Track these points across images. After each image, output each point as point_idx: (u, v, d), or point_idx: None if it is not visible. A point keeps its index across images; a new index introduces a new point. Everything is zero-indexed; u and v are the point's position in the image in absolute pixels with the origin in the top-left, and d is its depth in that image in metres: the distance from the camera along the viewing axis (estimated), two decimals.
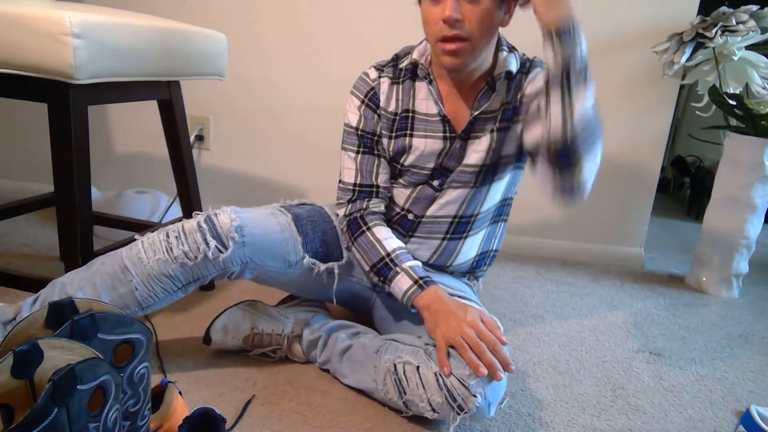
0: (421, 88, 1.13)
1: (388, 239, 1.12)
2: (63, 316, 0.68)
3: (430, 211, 1.16)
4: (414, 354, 1.00)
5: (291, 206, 1.20)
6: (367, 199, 1.17)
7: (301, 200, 1.26)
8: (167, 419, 0.83)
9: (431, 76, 1.12)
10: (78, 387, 0.56)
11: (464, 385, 0.92)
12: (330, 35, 1.96)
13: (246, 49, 1.99)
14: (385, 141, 1.16)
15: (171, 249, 1.00)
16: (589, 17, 1.88)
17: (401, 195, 1.18)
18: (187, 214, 1.51)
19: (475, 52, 1.02)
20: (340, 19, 1.94)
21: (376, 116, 1.15)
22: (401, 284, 1.07)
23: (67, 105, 1.05)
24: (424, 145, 1.13)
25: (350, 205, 1.17)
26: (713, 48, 1.72)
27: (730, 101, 1.73)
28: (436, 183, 1.15)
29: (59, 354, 0.60)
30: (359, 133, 1.16)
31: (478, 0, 0.98)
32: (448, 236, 1.19)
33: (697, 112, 2.01)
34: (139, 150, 2.14)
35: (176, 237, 1.01)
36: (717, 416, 1.14)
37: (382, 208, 1.18)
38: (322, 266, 1.16)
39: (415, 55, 1.13)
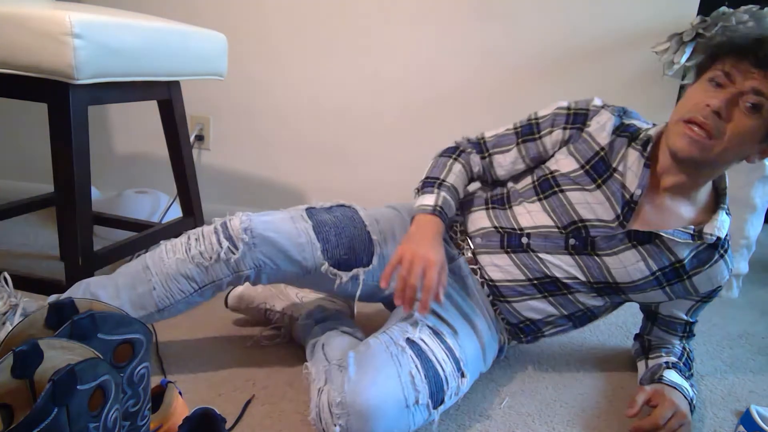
0: (633, 156, 1.06)
1: (456, 174, 1.16)
2: (63, 316, 0.68)
3: (543, 256, 1.11)
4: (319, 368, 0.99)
5: (319, 210, 1.13)
6: (475, 152, 1.19)
7: (337, 202, 1.18)
8: (167, 419, 0.83)
9: (648, 159, 1.05)
10: (78, 387, 0.56)
11: (330, 410, 0.89)
12: (330, 36, 1.96)
13: (246, 49, 1.99)
14: (572, 163, 1.10)
15: (189, 249, 1.03)
16: (589, 17, 1.88)
17: (538, 215, 1.12)
18: (187, 214, 1.51)
19: (710, 156, 0.96)
20: (340, 19, 1.94)
21: (568, 131, 1.11)
22: (426, 199, 1.11)
23: (67, 105, 1.05)
24: (602, 206, 1.07)
25: (464, 140, 1.21)
26: None
27: None
28: (572, 242, 1.09)
29: (59, 354, 0.60)
30: (534, 121, 1.15)
31: (750, 115, 0.93)
32: (532, 282, 1.13)
33: None
34: (139, 150, 2.14)
35: (196, 239, 1.04)
36: (717, 416, 1.14)
37: (477, 169, 1.20)
38: (345, 276, 1.10)
39: (652, 131, 1.07)
